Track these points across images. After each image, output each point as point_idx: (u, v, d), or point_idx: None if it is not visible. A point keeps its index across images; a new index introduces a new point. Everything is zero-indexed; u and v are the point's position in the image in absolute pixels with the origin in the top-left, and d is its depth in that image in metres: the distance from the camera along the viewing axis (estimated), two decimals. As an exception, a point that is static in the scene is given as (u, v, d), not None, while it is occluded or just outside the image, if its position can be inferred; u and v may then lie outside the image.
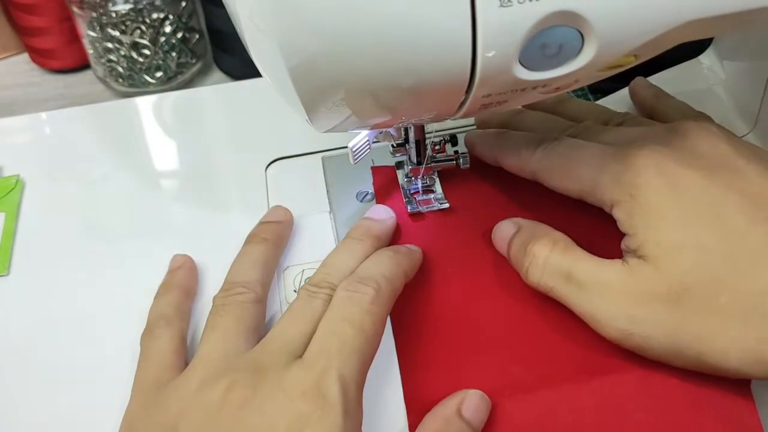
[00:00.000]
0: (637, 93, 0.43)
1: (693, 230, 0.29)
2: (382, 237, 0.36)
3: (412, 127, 0.36)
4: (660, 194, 0.30)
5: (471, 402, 0.30)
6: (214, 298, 0.33)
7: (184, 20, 0.55)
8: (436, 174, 0.39)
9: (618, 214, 0.31)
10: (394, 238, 0.37)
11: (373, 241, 0.35)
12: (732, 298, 0.28)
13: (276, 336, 0.30)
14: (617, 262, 0.30)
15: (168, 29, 0.54)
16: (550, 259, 0.32)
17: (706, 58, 0.48)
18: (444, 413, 0.30)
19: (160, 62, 0.55)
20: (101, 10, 0.52)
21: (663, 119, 0.39)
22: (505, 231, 0.35)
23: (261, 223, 0.38)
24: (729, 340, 0.28)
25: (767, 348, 0.27)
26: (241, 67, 0.57)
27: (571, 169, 0.33)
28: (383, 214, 0.37)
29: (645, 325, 0.29)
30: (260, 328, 0.33)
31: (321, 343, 0.29)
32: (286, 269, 0.37)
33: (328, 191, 0.41)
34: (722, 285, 0.28)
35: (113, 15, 0.52)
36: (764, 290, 0.28)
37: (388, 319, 0.33)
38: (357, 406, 0.28)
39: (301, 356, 0.29)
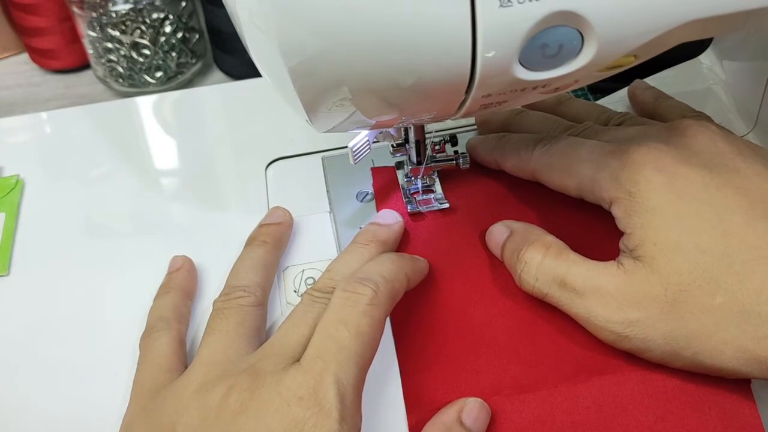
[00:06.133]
0: (636, 95, 0.43)
1: (690, 230, 0.29)
2: (388, 242, 0.35)
3: (412, 127, 0.36)
4: (658, 192, 0.30)
5: (471, 409, 0.30)
6: (215, 302, 0.33)
7: (184, 20, 0.55)
8: (436, 174, 0.39)
9: (616, 211, 0.31)
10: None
11: (378, 246, 0.35)
12: (728, 298, 0.28)
13: (276, 340, 0.30)
14: (612, 264, 0.30)
15: (168, 29, 0.54)
16: (543, 266, 0.32)
17: (706, 58, 0.48)
18: (445, 420, 0.30)
19: (160, 62, 0.55)
20: (101, 10, 0.52)
21: (663, 120, 0.39)
22: (497, 236, 0.35)
23: (260, 225, 0.37)
24: (725, 340, 0.28)
25: (764, 347, 0.27)
26: (241, 67, 0.57)
27: (570, 167, 0.33)
28: (390, 219, 0.36)
29: (642, 328, 0.29)
30: (261, 332, 0.33)
31: (318, 347, 0.29)
32: (286, 269, 0.37)
33: (328, 191, 0.41)
34: (718, 285, 0.28)
35: (113, 15, 0.52)
36: (760, 290, 0.28)
37: (388, 319, 0.33)
38: (354, 410, 0.28)
39: (299, 360, 0.29)
